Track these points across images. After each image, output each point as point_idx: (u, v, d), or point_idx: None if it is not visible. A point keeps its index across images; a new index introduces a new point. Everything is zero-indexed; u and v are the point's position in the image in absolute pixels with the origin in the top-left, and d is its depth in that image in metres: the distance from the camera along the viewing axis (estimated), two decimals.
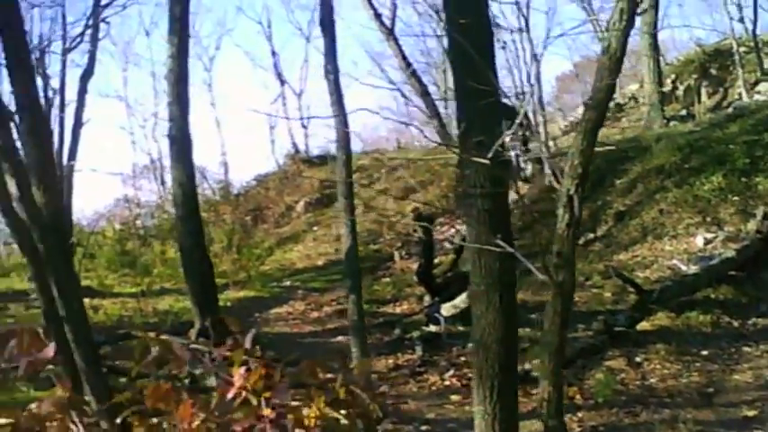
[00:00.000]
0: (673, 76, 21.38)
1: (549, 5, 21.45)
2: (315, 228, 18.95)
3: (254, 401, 4.06)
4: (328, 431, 4.09)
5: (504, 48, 15.72)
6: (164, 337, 8.58)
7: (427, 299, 12.37)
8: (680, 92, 20.61)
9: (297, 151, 23.38)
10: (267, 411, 3.84)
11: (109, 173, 23.57)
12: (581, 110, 19.73)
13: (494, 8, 5.37)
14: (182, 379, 9.50)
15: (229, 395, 4.10)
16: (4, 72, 7.91)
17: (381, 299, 13.39)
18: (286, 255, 18.11)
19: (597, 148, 4.53)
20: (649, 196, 13.78)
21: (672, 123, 17.29)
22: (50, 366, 7.19)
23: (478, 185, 4.93)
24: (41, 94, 15.87)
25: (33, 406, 4.80)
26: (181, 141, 11.45)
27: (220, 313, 11.43)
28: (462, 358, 10.07)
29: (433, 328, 11.02)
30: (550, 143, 15.67)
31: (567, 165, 4.12)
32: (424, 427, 7.19)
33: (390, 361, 10.40)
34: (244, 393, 4.02)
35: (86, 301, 9.65)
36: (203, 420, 3.91)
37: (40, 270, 7.68)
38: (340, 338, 10.87)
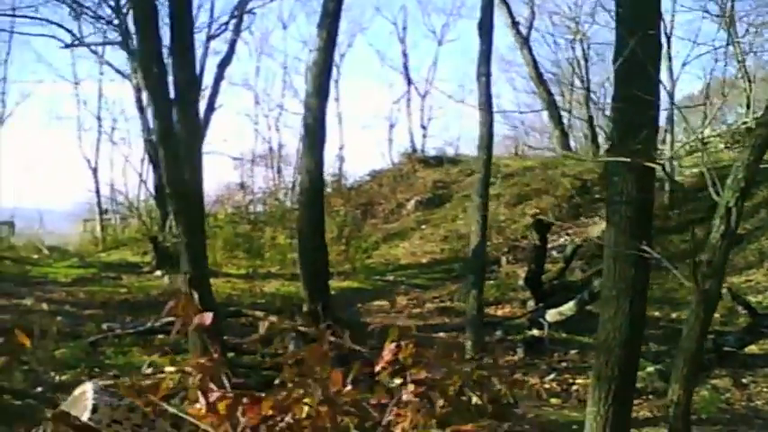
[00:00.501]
0: None
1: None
2: (423, 226, 19.10)
3: (386, 380, 4.27)
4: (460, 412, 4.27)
5: None
6: (273, 317, 8.93)
7: (531, 304, 12.38)
8: None
9: (414, 150, 23.65)
10: (411, 387, 4.04)
11: (232, 157, 24.23)
12: (707, 131, 19.38)
13: None
14: (289, 359, 9.78)
15: (377, 368, 4.32)
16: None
17: (486, 300, 13.41)
18: (392, 250, 18.30)
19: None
20: None
21: None
22: (160, 336, 7.60)
23: (625, 192, 5.02)
24: None
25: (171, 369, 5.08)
26: (315, 131, 11.81)
27: (329, 300, 11.74)
28: (564, 364, 10.07)
29: (536, 332, 11.03)
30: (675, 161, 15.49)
31: (730, 177, 4.17)
32: (527, 426, 7.25)
33: (491, 361, 10.47)
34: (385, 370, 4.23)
35: None
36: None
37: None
38: (441, 335, 10.97)
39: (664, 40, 5.68)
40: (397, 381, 4.52)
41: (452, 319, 12.36)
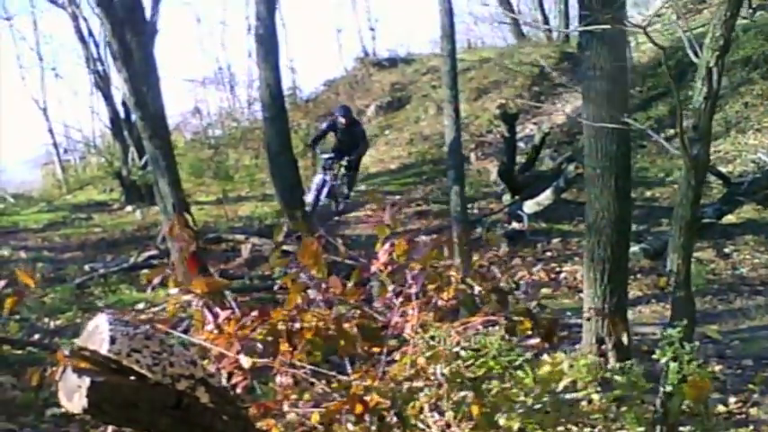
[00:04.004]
0: None
1: None
2: (386, 132, 18.92)
3: (388, 281, 4.27)
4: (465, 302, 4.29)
5: None
6: (253, 239, 8.90)
7: (506, 198, 12.42)
8: None
9: (366, 54, 23.16)
10: (412, 284, 4.03)
11: (183, 79, 23.56)
12: None
13: None
14: (275, 278, 9.78)
15: (374, 268, 4.31)
16: None
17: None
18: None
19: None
20: (734, 89, 13.47)
21: (759, 14, 16.63)
22: (145, 271, 7.54)
23: (598, 66, 4.94)
24: None
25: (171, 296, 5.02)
26: (268, 41, 11.55)
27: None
28: (548, 253, 10.19)
29: (516, 225, 11.09)
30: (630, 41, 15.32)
31: (707, 36, 4.09)
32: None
33: (476, 258, 10.54)
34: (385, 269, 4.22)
35: None
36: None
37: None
38: (423, 238, 10.98)
39: None
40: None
41: (431, 221, 12.35)
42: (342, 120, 13.25)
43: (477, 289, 3.99)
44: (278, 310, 3.83)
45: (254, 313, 3.80)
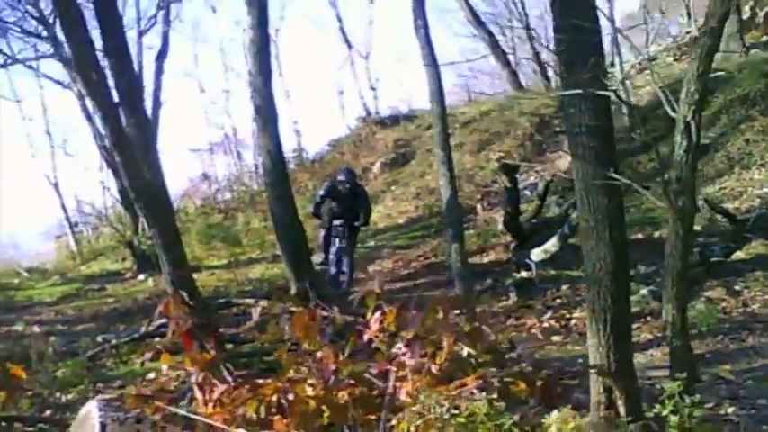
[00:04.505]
0: (751, 2, 20.73)
1: None
2: (393, 187, 19.07)
3: (383, 348, 4.28)
4: (461, 365, 4.29)
5: None
6: (263, 302, 8.90)
7: (514, 247, 12.43)
8: (759, 19, 19.94)
9: (368, 114, 23.46)
10: (405, 351, 4.04)
11: (189, 149, 23.98)
12: (653, 48, 19.37)
13: None
14: (286, 341, 9.79)
15: (366, 337, 4.33)
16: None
17: (468, 251, 13.33)
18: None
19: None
20: (734, 127, 13.56)
21: (753, 51, 16.79)
22: (156, 339, 7.55)
23: (583, 124, 4.97)
24: None
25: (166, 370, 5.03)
26: (266, 110, 11.65)
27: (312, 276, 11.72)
28: (558, 300, 10.17)
29: (524, 274, 11.09)
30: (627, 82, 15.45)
31: (682, 92, 4.15)
32: (530, 368, 7.28)
33: (485, 308, 10.53)
34: (377, 338, 4.25)
35: None
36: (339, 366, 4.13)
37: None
38: (434, 292, 10.99)
39: None
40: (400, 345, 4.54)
41: (440, 273, 12.35)
42: (347, 184, 12.54)
43: (466, 351, 4.02)
44: (272, 382, 3.86)
45: (246, 387, 3.84)
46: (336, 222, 12.51)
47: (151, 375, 8.24)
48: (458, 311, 5.05)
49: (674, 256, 4.27)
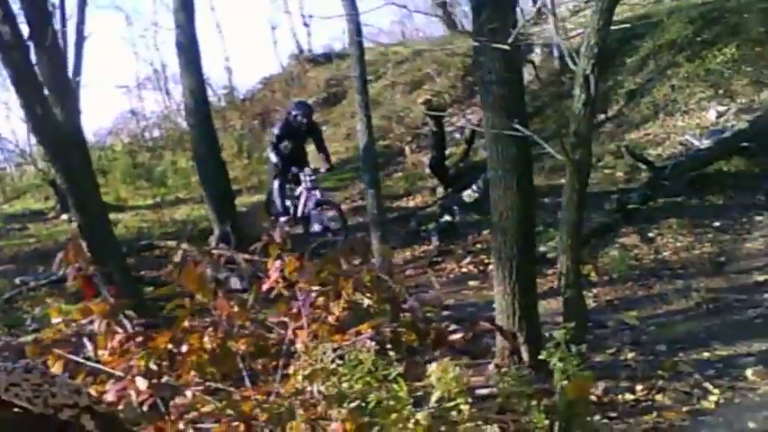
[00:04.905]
0: None
1: None
2: (324, 127, 18.80)
3: (286, 293, 4.27)
4: (359, 314, 4.30)
5: None
6: (184, 245, 8.82)
7: (440, 191, 12.47)
8: None
9: (300, 51, 23.02)
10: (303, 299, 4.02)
11: (116, 86, 23.20)
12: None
13: None
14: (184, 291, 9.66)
15: (265, 287, 4.30)
16: None
17: (395, 194, 13.48)
18: None
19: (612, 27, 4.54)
20: (661, 73, 13.63)
21: None
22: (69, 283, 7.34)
23: (494, 72, 4.96)
24: None
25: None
26: (189, 48, 11.39)
27: (237, 218, 11.63)
28: (478, 246, 10.21)
29: (447, 218, 11.14)
30: (560, 24, 15.39)
31: (582, 45, 4.14)
32: (444, 313, 7.37)
33: (408, 253, 10.60)
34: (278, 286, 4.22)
35: None
36: (238, 316, 4.10)
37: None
38: (358, 234, 10.99)
39: None
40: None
41: (366, 216, 12.33)
42: (303, 118, 11.52)
43: (366, 302, 4.04)
44: (165, 334, 3.82)
45: (139, 339, 3.80)
46: (295, 169, 11.46)
47: (57, 321, 8.10)
48: (361, 260, 5.04)
49: (569, 208, 4.33)
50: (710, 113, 12.20)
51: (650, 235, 9.19)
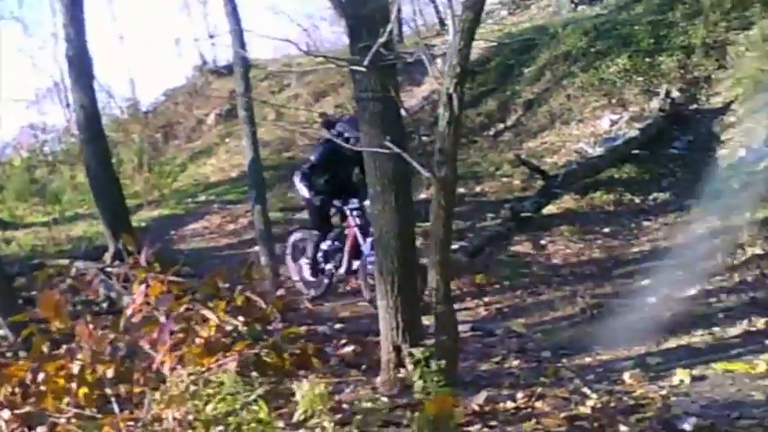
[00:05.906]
0: None
1: None
2: (227, 139, 18.70)
3: (161, 317, 4.18)
4: (231, 335, 4.26)
5: None
6: (78, 263, 8.58)
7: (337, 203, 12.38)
8: None
9: (204, 63, 22.77)
10: (170, 325, 3.94)
11: (13, 99, 22.46)
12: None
13: None
14: (99, 303, 9.47)
15: (128, 311, 4.21)
16: None
17: (295, 205, 13.41)
18: (200, 169, 17.90)
19: (506, 41, 4.61)
20: (557, 82, 13.96)
21: (580, 8, 17.33)
22: None
23: (369, 89, 4.96)
24: None
25: None
26: (79, 62, 11.12)
27: (136, 234, 11.36)
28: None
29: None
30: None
31: (446, 64, 4.18)
32: (338, 326, 7.36)
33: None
34: (145, 309, 4.13)
35: None
36: (111, 339, 4.01)
37: None
38: (257, 248, 10.89)
39: None
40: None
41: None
42: (356, 141, 7.39)
43: (233, 324, 3.99)
44: (21, 364, 3.70)
45: None
46: (337, 202, 8.70)
47: None
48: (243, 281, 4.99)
49: (436, 224, 4.35)
50: (604, 122, 12.54)
51: (542, 242, 9.36)
